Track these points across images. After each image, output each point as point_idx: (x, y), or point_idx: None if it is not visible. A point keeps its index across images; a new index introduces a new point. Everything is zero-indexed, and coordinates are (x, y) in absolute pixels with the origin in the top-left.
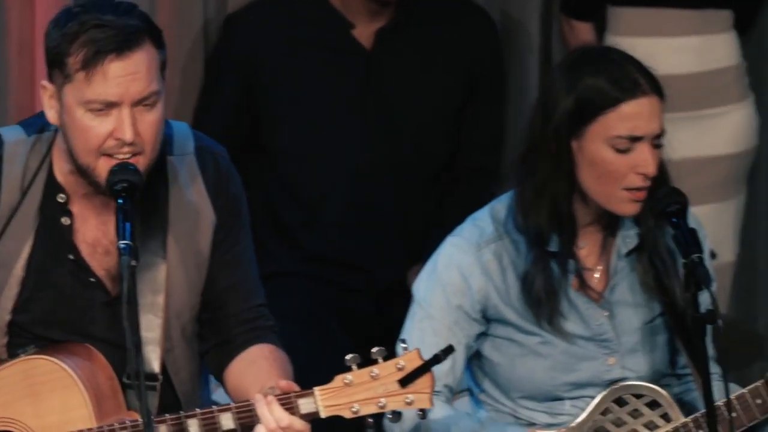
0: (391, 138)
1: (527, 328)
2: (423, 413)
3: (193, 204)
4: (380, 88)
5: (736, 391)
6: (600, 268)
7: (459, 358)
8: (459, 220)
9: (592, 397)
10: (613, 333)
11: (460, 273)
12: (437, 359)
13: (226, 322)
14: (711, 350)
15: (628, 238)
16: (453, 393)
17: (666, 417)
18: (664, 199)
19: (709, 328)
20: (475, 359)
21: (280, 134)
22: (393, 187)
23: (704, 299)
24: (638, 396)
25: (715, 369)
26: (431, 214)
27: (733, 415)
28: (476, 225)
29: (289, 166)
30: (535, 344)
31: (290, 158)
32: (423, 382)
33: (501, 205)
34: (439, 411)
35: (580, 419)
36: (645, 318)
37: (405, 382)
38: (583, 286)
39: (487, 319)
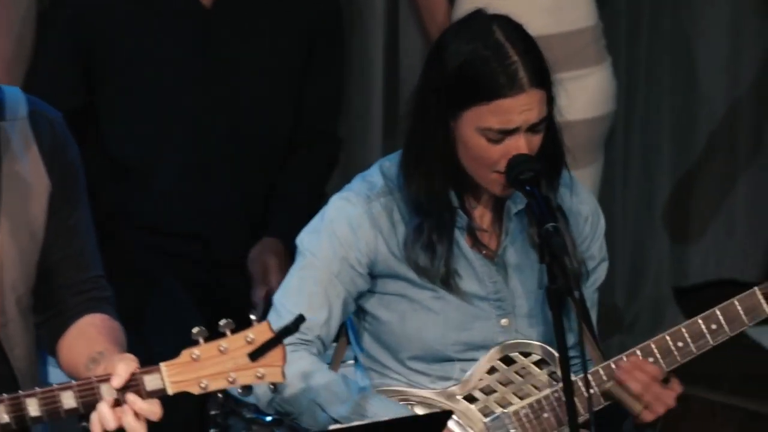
0: (229, 103)
1: (419, 282)
2: (275, 387)
3: (26, 172)
4: (219, 49)
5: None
6: (493, 229)
7: (336, 311)
8: (300, 188)
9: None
10: (507, 292)
11: (349, 224)
12: (288, 331)
13: (60, 293)
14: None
15: (518, 198)
16: (325, 347)
17: (554, 376)
18: (517, 167)
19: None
20: (361, 320)
21: (113, 99)
22: (231, 155)
23: (600, 272)
24: (526, 354)
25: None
26: (272, 184)
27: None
28: (366, 180)
29: (119, 132)
30: (428, 299)
31: (121, 124)
32: (274, 355)
33: (390, 162)
34: (305, 364)
35: (464, 378)
36: (539, 281)
37: (255, 355)
38: (477, 244)
39: (375, 275)
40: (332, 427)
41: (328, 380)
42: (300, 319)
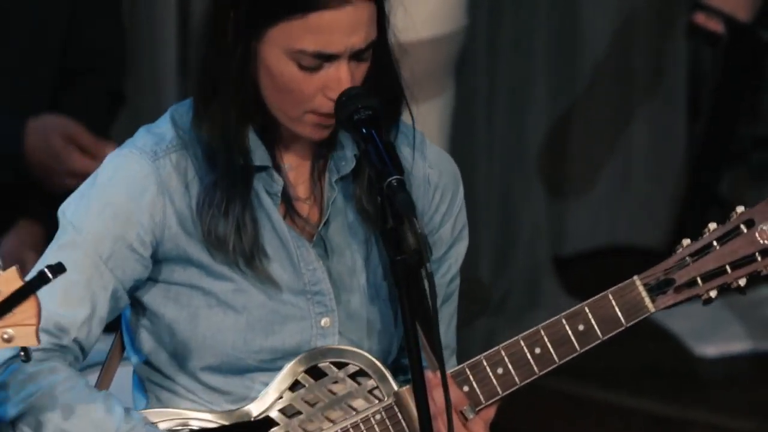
0: None
1: (216, 269)
2: (26, 354)
3: None
4: None
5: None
6: (312, 198)
7: (101, 307)
8: None
9: None
10: (328, 284)
11: (128, 190)
12: (43, 279)
13: None
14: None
15: (342, 160)
16: (85, 353)
17: (375, 392)
18: (348, 104)
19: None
20: (140, 317)
21: None
22: None
23: (455, 256)
24: (340, 365)
25: (451, 363)
26: None
27: (465, 389)
28: (152, 132)
29: None
30: (227, 292)
31: None
32: (26, 310)
33: (184, 108)
34: (57, 379)
35: (260, 396)
36: (370, 274)
37: (0, 310)
38: (292, 214)
39: (159, 259)
40: None
41: (86, 408)
42: (59, 268)
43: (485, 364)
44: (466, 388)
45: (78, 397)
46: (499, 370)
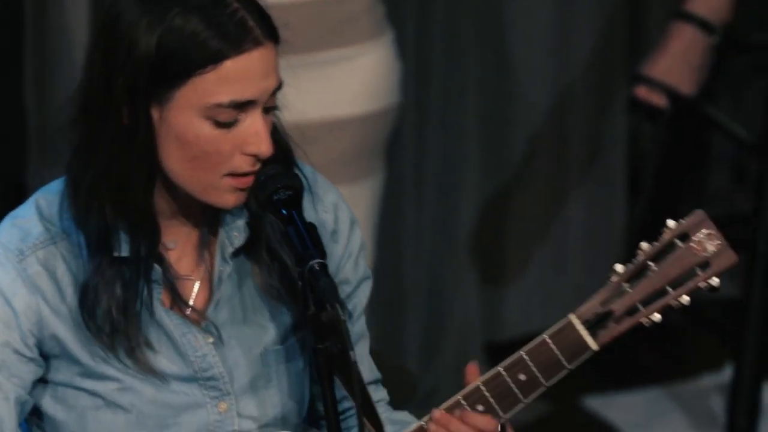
0: None
1: (98, 369)
2: None
3: None
4: None
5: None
6: (200, 275)
7: (8, 418)
8: None
9: None
10: (222, 368)
11: (1, 295)
12: None
13: None
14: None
15: (235, 231)
16: None
17: None
18: (268, 183)
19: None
20: (34, 418)
21: None
22: None
23: (361, 296)
24: None
25: (380, 395)
26: None
27: None
28: (16, 225)
29: None
30: (112, 392)
31: None
32: None
33: (52, 195)
34: None
35: None
36: (268, 340)
37: None
38: (177, 302)
39: (46, 355)
40: None
41: None
42: None
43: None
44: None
45: None
46: None
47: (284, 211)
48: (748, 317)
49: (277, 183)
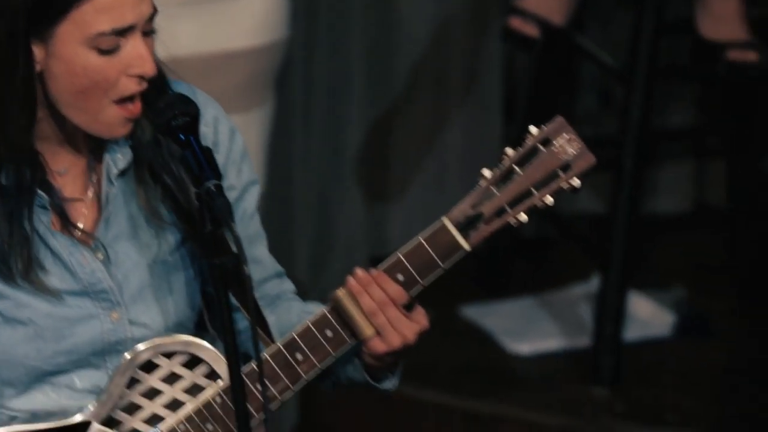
0: None
1: None
2: None
3: None
4: None
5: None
6: (90, 195)
7: None
8: None
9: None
10: (111, 281)
11: None
12: None
13: None
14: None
15: (119, 154)
16: None
17: (212, 375)
18: (166, 110)
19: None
20: None
21: None
22: None
23: (250, 199)
24: (170, 355)
25: (287, 287)
26: None
27: (299, 357)
28: None
29: None
30: (9, 309)
31: None
32: None
33: None
34: None
35: (100, 399)
36: (157, 252)
37: None
38: (67, 224)
39: None
40: None
41: None
42: None
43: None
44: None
45: None
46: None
47: (182, 137)
48: (614, 231)
49: (175, 110)
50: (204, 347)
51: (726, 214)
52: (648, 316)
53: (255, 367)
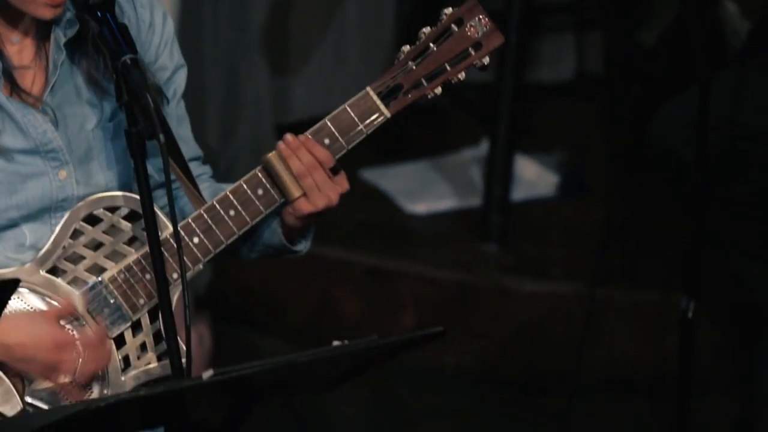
0: None
1: None
2: None
3: None
4: None
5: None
6: (38, 63)
7: None
8: None
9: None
10: (60, 141)
11: None
12: None
13: None
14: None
15: (67, 24)
16: None
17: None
18: None
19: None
20: None
21: None
22: None
23: (179, 80)
24: (113, 209)
25: (204, 170)
26: None
27: (231, 213)
28: None
29: None
30: None
31: None
32: None
33: None
34: None
35: (43, 250)
36: (99, 118)
37: None
38: (17, 89)
39: None
40: None
41: None
42: None
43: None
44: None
45: None
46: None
47: (99, 13)
48: (502, 99)
49: None
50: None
51: (603, 81)
52: (533, 177)
53: (190, 221)
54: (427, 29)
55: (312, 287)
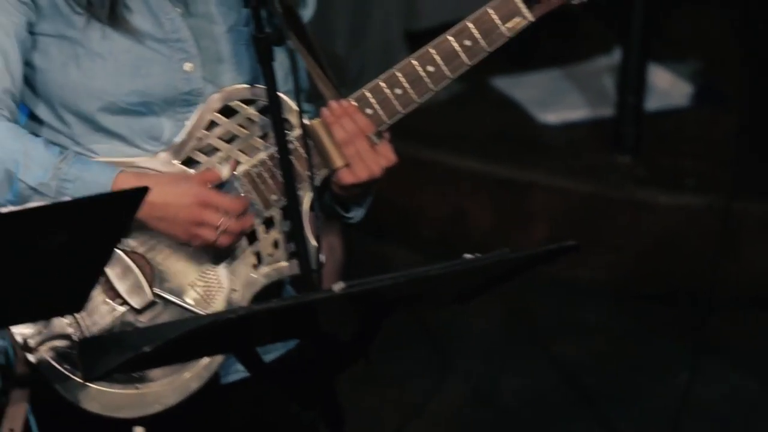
0: None
1: (81, 21)
2: None
3: None
4: None
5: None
6: None
7: (12, 51)
8: None
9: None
10: (188, 33)
11: None
12: None
13: None
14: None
15: None
16: (17, 104)
17: (288, 124)
18: None
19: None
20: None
21: None
22: None
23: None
24: (249, 102)
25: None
26: None
27: (368, 112)
28: None
29: None
30: (93, 41)
31: None
32: None
33: None
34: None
35: (178, 140)
36: (232, 21)
37: None
38: None
39: (36, 3)
40: (3, 210)
41: (24, 146)
42: None
43: (383, 86)
44: (369, 111)
45: (16, 141)
46: (398, 91)
47: None
48: (635, 5)
49: None
50: (283, 99)
51: None
52: (667, 86)
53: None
54: None
55: (444, 199)
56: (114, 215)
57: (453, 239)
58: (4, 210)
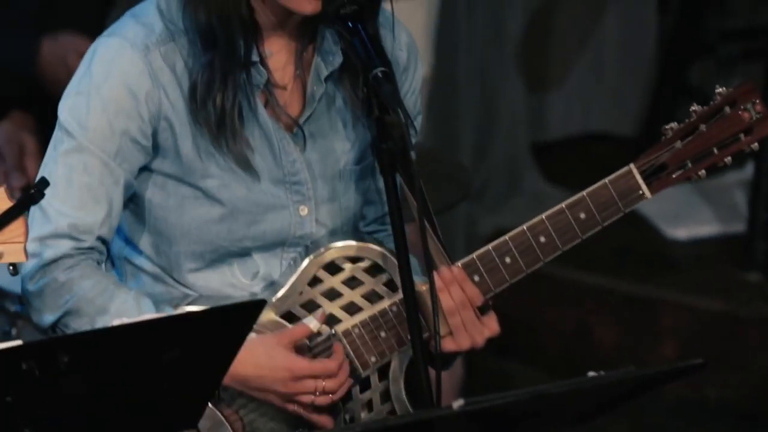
0: None
1: (202, 166)
2: (14, 269)
3: None
4: None
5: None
6: (294, 89)
7: (116, 202)
8: None
9: (289, 253)
10: (306, 174)
11: (126, 85)
12: (32, 199)
13: None
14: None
15: (330, 56)
16: (108, 246)
17: (391, 285)
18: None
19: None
20: (130, 204)
21: None
22: None
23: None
24: (355, 260)
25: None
26: None
27: (476, 279)
28: (140, 23)
29: None
30: (212, 188)
31: None
32: (14, 228)
33: None
34: (88, 286)
35: (281, 293)
36: (348, 159)
37: None
38: (274, 107)
39: (157, 146)
40: (117, 321)
41: (118, 306)
42: (44, 183)
43: (494, 254)
44: (476, 278)
45: (110, 298)
46: (507, 259)
47: (350, 24)
48: None
49: None
50: (389, 259)
51: None
52: None
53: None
54: (698, 107)
55: (568, 315)
56: (231, 328)
57: (577, 356)
58: (119, 322)
